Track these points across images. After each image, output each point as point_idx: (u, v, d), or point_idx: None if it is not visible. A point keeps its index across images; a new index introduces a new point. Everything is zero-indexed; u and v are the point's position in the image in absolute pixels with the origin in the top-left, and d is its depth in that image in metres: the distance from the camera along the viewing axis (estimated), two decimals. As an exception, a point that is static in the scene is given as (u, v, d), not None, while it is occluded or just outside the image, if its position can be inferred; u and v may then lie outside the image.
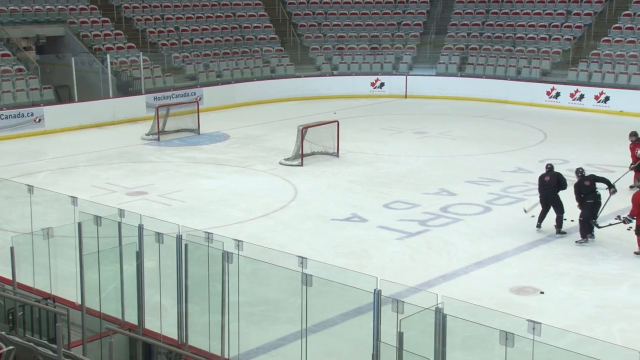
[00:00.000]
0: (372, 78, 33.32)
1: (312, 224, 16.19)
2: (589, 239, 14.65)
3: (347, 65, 34.22)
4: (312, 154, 21.81)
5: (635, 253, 14.07)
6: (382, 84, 33.15)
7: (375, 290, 8.45)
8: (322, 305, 10.16)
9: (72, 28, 31.05)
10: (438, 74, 33.44)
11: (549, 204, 15.21)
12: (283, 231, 15.84)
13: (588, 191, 14.64)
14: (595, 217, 14.67)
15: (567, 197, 15.22)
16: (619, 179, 17.44)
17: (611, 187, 14.99)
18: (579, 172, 14.97)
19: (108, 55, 29.11)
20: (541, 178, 15.40)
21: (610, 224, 14.75)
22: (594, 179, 14.84)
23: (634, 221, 14.11)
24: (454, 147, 23.43)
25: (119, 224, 10.90)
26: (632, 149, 18.24)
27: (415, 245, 14.88)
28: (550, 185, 15.09)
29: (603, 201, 14.85)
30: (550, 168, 15.39)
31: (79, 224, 10.98)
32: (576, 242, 14.66)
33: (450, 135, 25.10)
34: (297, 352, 9.69)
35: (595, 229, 14.69)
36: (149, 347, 10.91)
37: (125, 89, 29.77)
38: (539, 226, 15.37)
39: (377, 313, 8.46)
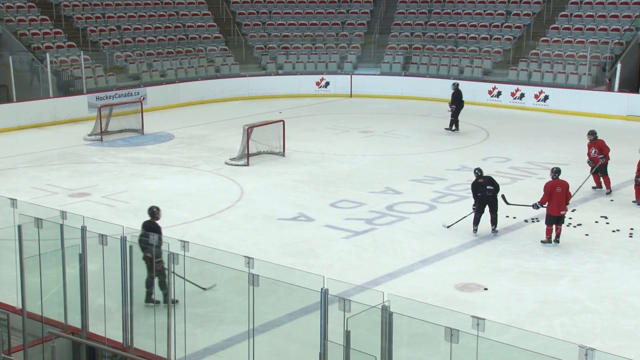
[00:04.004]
0: (317, 77, 33.37)
1: (258, 224, 16.15)
2: (493, 232, 15.33)
3: (292, 64, 34.22)
4: (258, 153, 21.75)
5: (542, 242, 14.80)
6: (327, 83, 33.24)
7: (322, 289, 8.48)
8: (269, 305, 10.15)
9: (9, 26, 30.32)
10: (382, 73, 33.72)
11: (486, 206, 15.46)
12: (229, 231, 15.76)
13: (480, 186, 15.32)
14: (494, 212, 15.35)
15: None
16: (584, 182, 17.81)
17: (498, 192, 15.48)
18: (476, 171, 15.61)
19: (47, 54, 28.53)
20: (475, 183, 15.58)
21: (520, 205, 15.56)
22: (490, 180, 15.46)
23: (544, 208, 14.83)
24: (399, 145, 23.64)
25: (61, 225, 10.71)
26: (590, 147, 18.33)
27: (362, 243, 14.97)
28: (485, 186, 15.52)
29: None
30: (480, 173, 15.60)
31: (19, 227, 10.75)
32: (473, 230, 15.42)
33: (394, 134, 25.31)
34: (244, 353, 9.66)
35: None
36: (92, 350, 10.76)
37: (66, 88, 29.21)
38: (475, 230, 15.50)
39: (324, 312, 8.49)
